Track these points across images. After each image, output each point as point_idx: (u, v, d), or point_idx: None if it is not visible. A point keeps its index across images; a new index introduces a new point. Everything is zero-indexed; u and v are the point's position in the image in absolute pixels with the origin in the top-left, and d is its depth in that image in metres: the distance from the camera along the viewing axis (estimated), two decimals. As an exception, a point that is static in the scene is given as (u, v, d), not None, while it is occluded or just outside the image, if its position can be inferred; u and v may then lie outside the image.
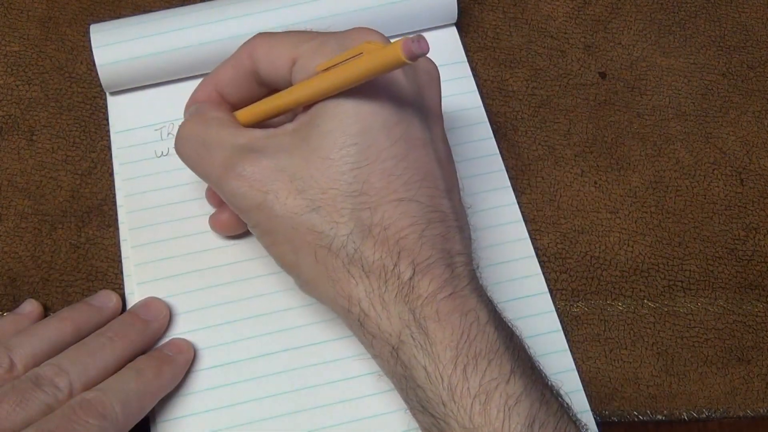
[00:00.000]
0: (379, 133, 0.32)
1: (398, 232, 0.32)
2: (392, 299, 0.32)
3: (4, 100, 0.46)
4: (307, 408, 0.38)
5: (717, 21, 0.50)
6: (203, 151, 0.36)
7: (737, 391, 0.40)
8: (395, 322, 0.32)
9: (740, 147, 0.46)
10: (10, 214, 0.43)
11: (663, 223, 0.44)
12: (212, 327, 0.40)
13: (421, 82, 0.35)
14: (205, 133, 0.36)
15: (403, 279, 0.32)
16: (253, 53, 0.36)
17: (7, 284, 0.42)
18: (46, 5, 0.48)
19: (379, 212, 0.32)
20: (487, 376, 0.31)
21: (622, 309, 0.42)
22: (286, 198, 0.33)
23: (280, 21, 0.44)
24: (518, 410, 0.30)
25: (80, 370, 0.35)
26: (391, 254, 0.32)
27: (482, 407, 0.30)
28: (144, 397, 0.36)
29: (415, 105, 0.34)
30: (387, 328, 0.32)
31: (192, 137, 0.36)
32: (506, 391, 0.31)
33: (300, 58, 0.34)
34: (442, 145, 0.35)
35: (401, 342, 0.32)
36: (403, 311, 0.32)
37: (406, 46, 0.28)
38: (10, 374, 0.35)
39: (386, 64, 0.30)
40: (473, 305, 0.32)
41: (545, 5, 0.50)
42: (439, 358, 0.31)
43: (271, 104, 0.36)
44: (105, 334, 0.37)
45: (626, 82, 0.48)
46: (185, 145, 0.37)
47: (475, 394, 0.30)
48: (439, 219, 0.33)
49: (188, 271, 0.41)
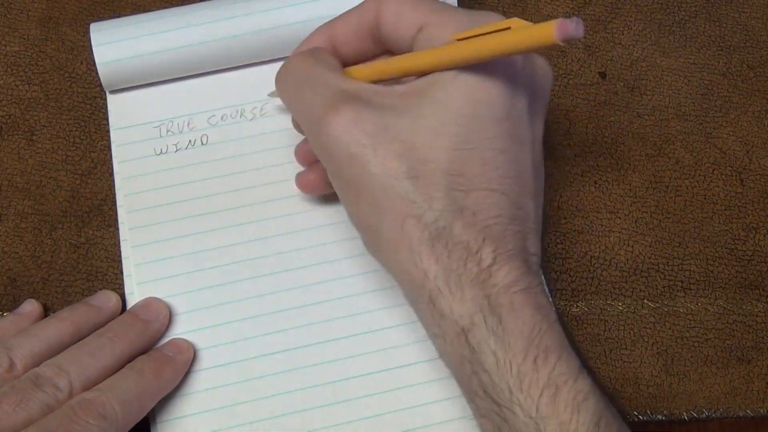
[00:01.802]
0: (488, 122, 0.32)
1: (485, 219, 0.32)
2: (469, 282, 0.32)
3: (4, 100, 0.46)
4: (307, 408, 0.38)
5: (717, 21, 0.50)
6: (307, 88, 0.35)
7: (737, 391, 0.40)
8: (469, 305, 0.32)
9: (740, 147, 0.46)
10: (10, 214, 0.43)
11: (663, 223, 0.44)
12: (212, 327, 0.40)
13: (536, 81, 0.35)
14: (312, 70, 0.35)
15: (483, 265, 0.32)
16: (380, 9, 0.35)
17: (7, 284, 0.42)
18: (46, 5, 0.48)
19: (472, 197, 0.32)
20: (557, 370, 0.31)
21: (622, 309, 0.42)
22: (384, 157, 0.32)
23: (280, 21, 0.44)
24: (586, 406, 0.30)
25: (80, 370, 0.35)
26: (477, 239, 0.32)
27: (551, 399, 0.30)
28: (144, 397, 0.36)
29: (525, 101, 0.34)
30: (459, 309, 0.32)
31: (298, 71, 0.36)
32: (575, 387, 0.31)
33: (429, 25, 0.34)
34: (539, 149, 0.36)
35: (473, 324, 0.32)
36: (479, 295, 0.32)
37: (563, 26, 0.27)
38: (10, 374, 0.35)
39: (536, 41, 0.29)
40: (544, 303, 0.32)
41: (545, 5, 0.50)
42: (510, 345, 0.31)
43: (398, 64, 0.35)
44: (105, 334, 0.37)
45: (626, 82, 0.48)
46: (289, 78, 0.36)
47: (544, 385, 0.30)
48: (522, 218, 0.33)
49: (188, 271, 0.41)
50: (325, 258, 0.41)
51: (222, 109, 0.45)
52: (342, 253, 0.41)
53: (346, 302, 0.40)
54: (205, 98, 0.45)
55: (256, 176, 0.43)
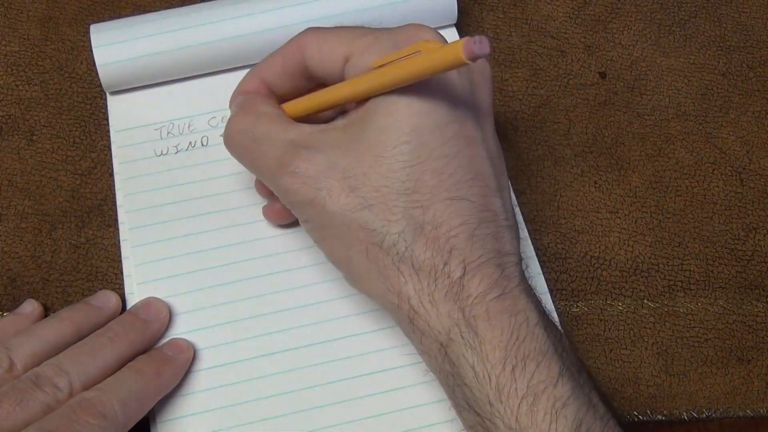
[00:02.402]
0: (431, 131, 0.32)
1: (449, 230, 0.32)
2: (442, 297, 0.32)
3: (4, 100, 0.46)
4: (307, 408, 0.38)
5: (717, 21, 0.50)
6: (254, 147, 0.36)
7: (737, 391, 0.40)
8: (444, 320, 0.32)
9: (740, 147, 0.46)
10: (10, 214, 0.43)
11: (663, 223, 0.44)
12: (212, 327, 0.40)
13: (473, 80, 0.35)
14: (255, 129, 0.36)
15: (453, 278, 0.32)
16: (303, 48, 0.36)
17: (7, 284, 0.42)
18: (46, 5, 0.48)
19: (431, 211, 0.32)
20: (536, 378, 0.31)
21: (622, 309, 0.42)
22: (338, 195, 0.33)
23: (280, 21, 0.44)
24: (565, 413, 0.30)
25: (80, 370, 0.35)
26: (442, 253, 0.32)
27: (529, 409, 0.30)
28: (144, 396, 0.36)
29: (467, 103, 0.34)
30: (436, 325, 0.32)
31: (242, 132, 0.36)
32: (554, 393, 0.31)
33: (354, 54, 0.34)
34: (493, 144, 0.35)
35: (450, 340, 0.32)
36: (453, 309, 0.32)
37: (468, 46, 0.28)
38: (10, 374, 0.35)
39: (446, 63, 0.29)
40: (523, 306, 0.32)
41: (545, 5, 0.50)
42: (488, 357, 0.31)
43: (324, 98, 0.35)
44: (105, 334, 0.37)
45: (626, 82, 0.48)
46: (235, 140, 0.37)
47: (522, 395, 0.30)
48: (490, 218, 0.33)
49: (188, 271, 0.41)
50: (324, 258, 0.41)
51: (222, 111, 0.45)
52: (342, 253, 0.41)
53: (346, 302, 0.40)
54: (205, 100, 0.45)
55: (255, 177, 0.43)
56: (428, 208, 0.32)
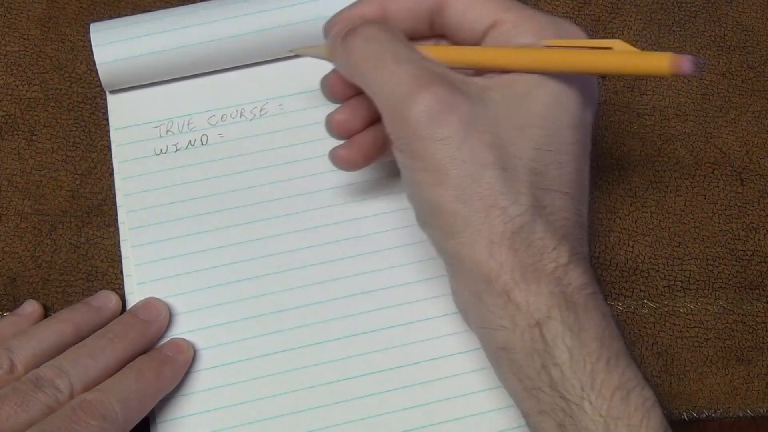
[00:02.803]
0: (566, 128, 0.33)
1: (560, 220, 0.33)
2: (545, 276, 0.32)
3: (4, 100, 0.46)
4: (307, 408, 0.38)
5: (717, 21, 0.50)
6: (390, 62, 0.33)
7: (737, 391, 0.40)
8: (546, 298, 0.32)
9: (740, 147, 0.46)
10: (10, 214, 0.43)
11: (663, 223, 0.44)
12: (212, 327, 0.40)
13: (594, 96, 0.35)
14: (397, 44, 0.34)
15: (560, 262, 0.32)
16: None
17: (7, 284, 0.42)
18: (46, 5, 0.48)
19: (549, 197, 0.33)
20: (626, 374, 0.31)
21: (622, 309, 0.42)
22: (475, 145, 0.32)
23: (280, 21, 0.44)
24: (655, 413, 0.31)
25: (81, 371, 0.35)
26: (555, 237, 0.32)
27: (622, 400, 0.31)
28: (144, 397, 0.36)
29: (591, 114, 0.35)
30: (536, 301, 0.32)
31: (377, 42, 0.34)
32: (643, 393, 0.31)
33: (506, 23, 0.34)
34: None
35: (549, 318, 0.32)
36: (555, 290, 0.32)
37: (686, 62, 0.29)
38: (11, 375, 0.35)
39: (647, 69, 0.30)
40: (608, 311, 0.33)
41: (545, 5, 0.50)
42: (585, 343, 0.31)
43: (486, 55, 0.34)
44: (105, 335, 0.37)
45: (626, 82, 0.48)
46: (368, 47, 0.34)
47: (615, 387, 0.31)
48: (582, 224, 0.34)
49: (188, 271, 0.41)
50: (324, 258, 0.41)
51: (222, 110, 0.45)
52: (341, 253, 0.41)
53: (346, 302, 0.40)
54: (204, 98, 0.45)
55: (255, 176, 0.43)
56: (548, 194, 0.33)
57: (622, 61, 0.31)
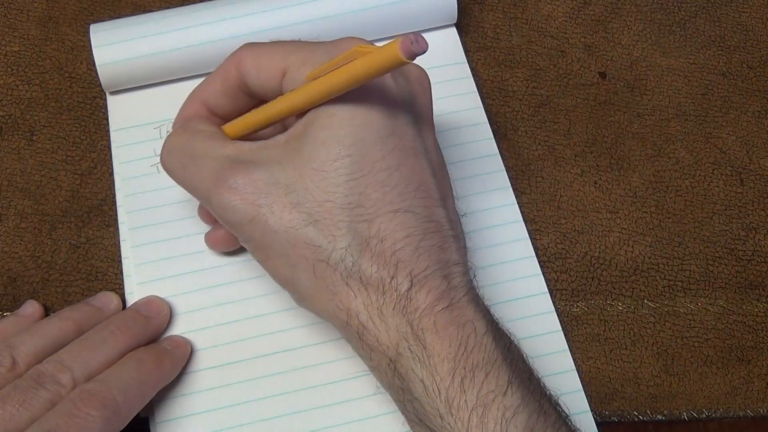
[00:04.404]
0: (372, 144, 0.32)
1: (395, 243, 0.32)
2: (390, 311, 0.32)
3: (4, 100, 0.46)
4: (306, 409, 0.38)
5: (717, 21, 0.50)
6: (190, 164, 0.35)
7: (737, 391, 0.40)
8: (393, 335, 0.32)
9: (740, 147, 0.46)
10: (10, 214, 0.43)
11: (663, 223, 0.44)
12: (212, 327, 0.40)
13: (413, 91, 0.34)
14: (191, 145, 0.35)
15: (401, 291, 0.32)
16: (240, 65, 0.35)
17: (7, 284, 0.42)
18: (46, 5, 0.48)
19: (376, 224, 0.32)
20: (485, 388, 0.31)
21: (622, 309, 0.42)
22: (281, 212, 0.32)
23: (279, 21, 0.44)
24: (515, 422, 0.30)
25: (82, 364, 0.35)
26: (389, 267, 0.32)
27: (479, 420, 0.30)
28: (144, 385, 0.36)
29: (407, 114, 0.34)
30: (385, 340, 0.32)
31: (178, 149, 0.36)
32: (503, 403, 0.30)
33: (290, 68, 0.34)
34: (435, 154, 0.35)
35: (399, 354, 0.32)
36: (401, 323, 0.32)
37: (405, 44, 0.27)
38: (13, 373, 0.35)
39: (384, 64, 0.29)
40: (470, 316, 0.32)
41: (545, 5, 0.50)
42: (437, 370, 0.31)
43: (261, 114, 0.35)
44: (107, 327, 0.37)
45: (626, 82, 0.48)
46: (171, 157, 0.36)
47: (472, 406, 0.30)
48: (435, 229, 0.33)
49: (188, 271, 0.41)
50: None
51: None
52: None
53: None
54: (205, 98, 0.45)
55: None
56: (373, 222, 0.32)
57: (362, 65, 0.29)
